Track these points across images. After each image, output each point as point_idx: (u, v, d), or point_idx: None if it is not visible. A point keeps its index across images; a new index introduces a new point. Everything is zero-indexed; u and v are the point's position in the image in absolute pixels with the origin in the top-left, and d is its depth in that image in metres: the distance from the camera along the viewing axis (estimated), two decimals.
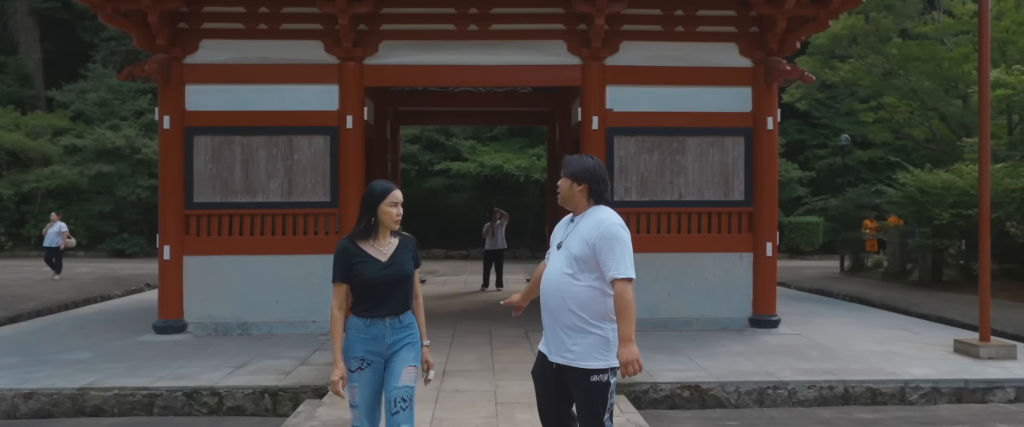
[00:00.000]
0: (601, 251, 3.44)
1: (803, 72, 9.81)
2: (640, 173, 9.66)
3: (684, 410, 6.55)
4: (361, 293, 3.74)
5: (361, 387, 3.72)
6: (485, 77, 10.07)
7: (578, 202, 3.62)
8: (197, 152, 9.38)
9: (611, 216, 3.55)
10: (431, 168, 26.56)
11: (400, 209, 3.83)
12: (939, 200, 14.21)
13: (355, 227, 3.81)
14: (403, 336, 3.79)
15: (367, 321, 3.73)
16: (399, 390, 3.72)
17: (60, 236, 16.61)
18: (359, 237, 3.77)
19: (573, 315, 3.48)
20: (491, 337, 9.06)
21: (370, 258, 3.74)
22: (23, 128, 25.84)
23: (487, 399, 6.21)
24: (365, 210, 3.78)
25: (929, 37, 18.27)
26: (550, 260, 3.68)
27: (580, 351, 3.48)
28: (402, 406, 3.70)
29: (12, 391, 6.52)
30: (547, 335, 3.64)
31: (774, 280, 9.79)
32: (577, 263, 3.50)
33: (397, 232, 3.88)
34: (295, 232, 9.45)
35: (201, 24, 9.40)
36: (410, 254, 3.87)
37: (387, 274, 3.73)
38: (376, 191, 3.79)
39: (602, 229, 3.48)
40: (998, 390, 6.91)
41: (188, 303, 9.35)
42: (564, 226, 3.72)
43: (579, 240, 3.52)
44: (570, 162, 3.66)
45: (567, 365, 3.51)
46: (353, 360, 3.73)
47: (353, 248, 3.74)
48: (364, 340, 3.73)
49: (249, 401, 6.60)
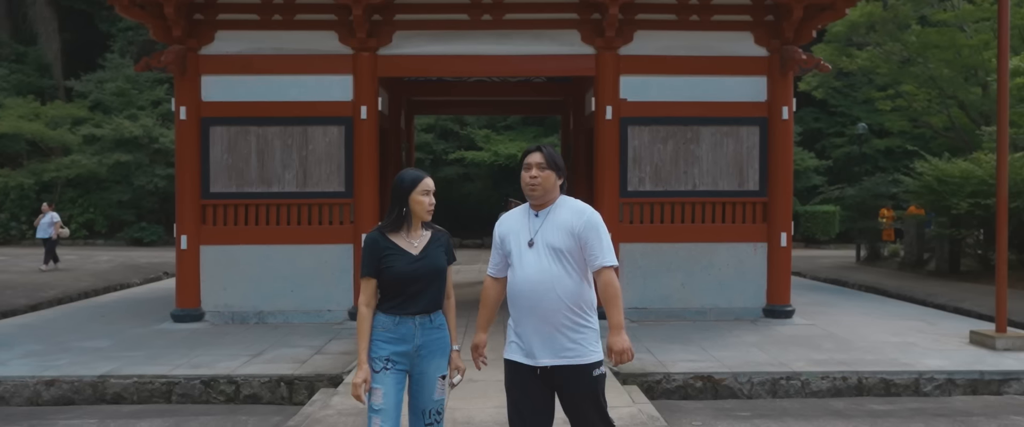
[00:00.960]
0: (588, 241, 3.34)
1: (819, 61, 9.72)
2: (654, 163, 9.64)
3: (696, 401, 6.57)
4: (391, 288, 3.50)
5: (385, 390, 3.46)
6: (499, 67, 10.07)
7: (554, 194, 3.47)
8: (213, 142, 9.46)
9: (584, 204, 3.47)
10: (445, 157, 26.63)
11: (432, 198, 3.58)
12: (957, 189, 14.06)
13: (385, 218, 3.59)
14: (433, 338, 3.56)
15: (396, 319, 3.49)
16: (434, 402, 3.55)
17: (52, 226, 16.54)
18: (389, 229, 3.54)
19: (568, 311, 3.35)
20: (504, 328, 9.09)
21: (401, 251, 3.50)
22: (43, 118, 26.13)
23: (500, 389, 6.18)
24: (396, 200, 3.54)
25: (948, 24, 17.99)
26: (521, 259, 3.41)
27: (579, 347, 3.36)
28: (436, 419, 3.55)
29: (35, 378, 6.64)
30: (527, 339, 3.42)
31: (788, 270, 9.76)
32: (563, 257, 3.35)
33: (429, 224, 3.64)
34: (310, 222, 9.52)
35: (216, 15, 9.45)
36: (443, 248, 3.62)
37: (419, 268, 3.49)
38: (406, 180, 3.54)
39: (586, 218, 3.38)
40: (1014, 382, 6.87)
41: (205, 292, 9.45)
42: (523, 221, 3.50)
43: (560, 232, 3.37)
44: (552, 154, 3.47)
45: (565, 364, 3.34)
46: (378, 360, 3.48)
47: (383, 240, 3.51)
48: (392, 339, 3.49)
49: (265, 389, 6.68)
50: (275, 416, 6.07)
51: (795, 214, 25.65)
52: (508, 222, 3.56)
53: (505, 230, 3.54)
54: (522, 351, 3.44)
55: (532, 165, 3.42)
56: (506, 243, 3.50)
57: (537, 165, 3.41)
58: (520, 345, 3.45)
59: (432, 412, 3.54)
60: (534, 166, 3.42)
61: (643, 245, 9.41)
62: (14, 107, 25.89)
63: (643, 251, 9.43)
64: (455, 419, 5.41)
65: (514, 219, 3.55)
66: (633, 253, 9.43)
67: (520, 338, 3.45)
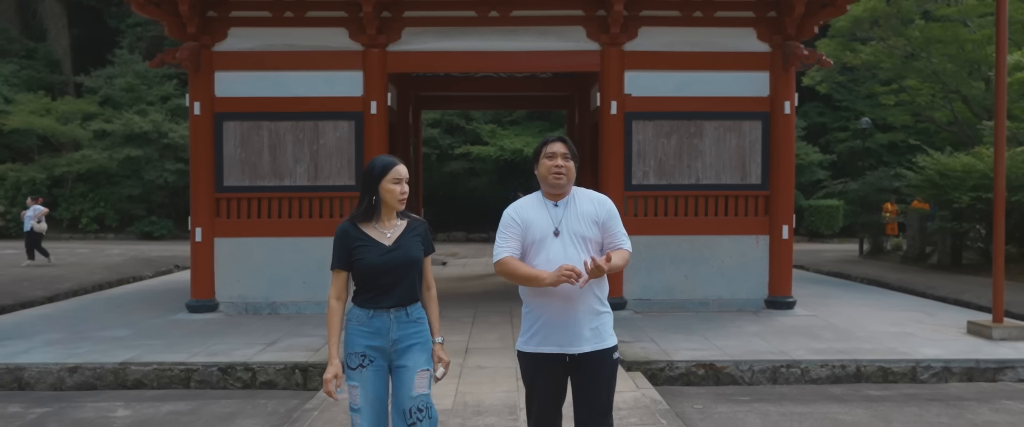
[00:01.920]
0: (610, 227, 3.45)
1: (820, 56, 9.89)
2: (658, 157, 9.82)
3: (699, 387, 6.77)
4: (363, 281, 3.38)
5: (363, 387, 3.32)
6: (505, 63, 10.26)
7: (571, 185, 3.51)
8: (226, 137, 9.67)
9: (600, 194, 3.56)
10: (451, 152, 26.85)
11: (405, 187, 3.41)
12: (959, 183, 14.22)
13: (356, 208, 3.44)
14: (411, 332, 3.40)
15: (369, 312, 3.35)
16: (414, 400, 3.35)
17: (32, 220, 16.03)
18: (360, 219, 3.40)
19: (594, 298, 3.40)
20: (511, 317, 9.32)
21: (372, 241, 3.37)
22: (53, 113, 26.44)
23: (508, 375, 6.47)
24: (366, 189, 3.40)
25: (952, 19, 18.11)
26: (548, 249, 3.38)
27: (602, 331, 3.42)
28: (419, 417, 3.35)
29: (58, 365, 6.87)
30: (556, 330, 3.38)
31: (790, 262, 9.93)
32: (589, 246, 3.41)
33: (405, 213, 3.50)
34: (321, 215, 9.73)
35: (229, 12, 9.66)
36: (419, 238, 3.47)
37: (391, 259, 3.35)
38: (376, 168, 3.40)
39: (606, 206, 3.48)
40: (1009, 370, 7.05)
41: (219, 283, 9.68)
42: (542, 211, 3.46)
43: (585, 222, 3.42)
44: (571, 145, 3.48)
45: (591, 350, 3.38)
46: (353, 356, 3.34)
47: (353, 230, 3.38)
48: (366, 333, 3.35)
49: (281, 376, 6.90)
50: (292, 400, 6.30)
51: (799, 208, 25.90)
52: (527, 211, 3.47)
53: (528, 218, 3.45)
54: (549, 341, 3.39)
55: (557, 155, 3.43)
56: (530, 232, 3.42)
57: (562, 155, 3.42)
58: (546, 336, 3.40)
59: (413, 410, 3.34)
60: (559, 156, 3.42)
61: (647, 237, 9.60)
62: (25, 103, 26.20)
63: (647, 243, 9.61)
64: (466, 403, 5.61)
65: (532, 208, 3.48)
66: (637, 245, 9.44)
67: (546, 328, 3.39)
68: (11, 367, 6.84)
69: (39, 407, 6.04)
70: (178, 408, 6.02)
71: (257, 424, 5.62)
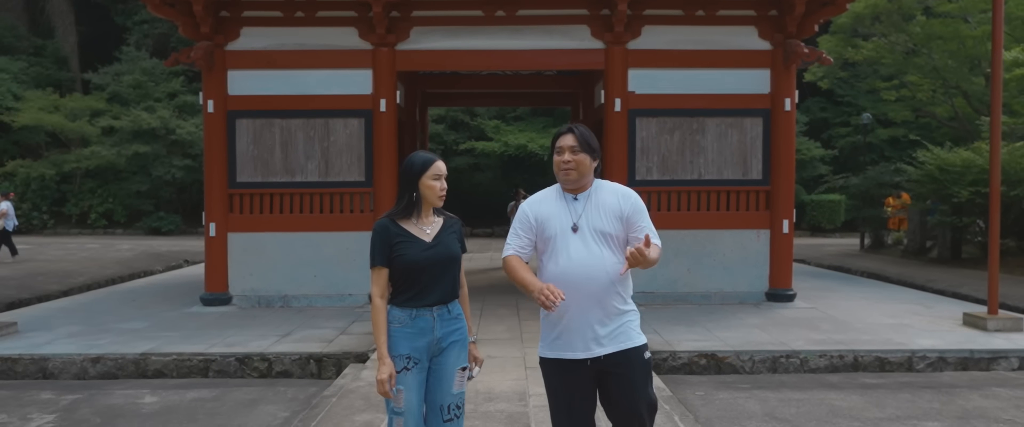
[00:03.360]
0: (636, 222, 3.22)
1: (821, 54, 10.09)
2: (661, 153, 10.03)
3: (701, 376, 6.99)
4: (404, 278, 3.29)
5: (408, 390, 3.23)
6: (511, 61, 10.48)
7: (590, 177, 3.30)
8: (239, 135, 9.90)
9: (624, 187, 3.36)
10: (456, 148, 27.07)
11: (444, 183, 3.36)
12: (958, 178, 14.39)
13: (395, 205, 3.37)
14: (453, 329, 3.35)
15: (412, 312, 3.27)
16: (454, 397, 3.33)
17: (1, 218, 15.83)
18: (400, 216, 3.33)
19: (618, 297, 3.21)
20: (518, 310, 9.55)
21: (413, 237, 3.30)
22: (62, 110, 26.69)
23: (517, 364, 6.70)
24: (405, 186, 3.33)
25: (952, 15, 18.25)
26: (567, 245, 3.19)
27: (629, 331, 3.23)
28: (456, 413, 3.33)
29: (81, 356, 7.13)
30: (575, 331, 3.20)
31: (790, 256, 10.14)
32: (611, 242, 3.20)
33: (441, 211, 3.44)
34: (332, 210, 9.97)
35: (242, 12, 9.88)
36: (456, 235, 3.43)
37: (433, 255, 3.29)
38: (417, 163, 3.33)
39: (632, 201, 3.26)
40: (1002, 360, 7.26)
41: (233, 277, 9.93)
42: (560, 205, 3.28)
43: (607, 217, 3.21)
44: (586, 135, 3.27)
45: (617, 350, 3.18)
46: (398, 358, 3.25)
47: (393, 227, 3.31)
48: (410, 334, 3.26)
49: (296, 366, 7.15)
50: (310, 387, 6.55)
51: (801, 203, 26.09)
52: (544, 206, 3.32)
53: (544, 214, 3.29)
54: (569, 346, 3.21)
55: (564, 149, 3.24)
56: (547, 228, 3.26)
57: (570, 148, 3.23)
58: (566, 341, 3.22)
59: (451, 407, 3.32)
60: (566, 150, 3.24)
61: None
62: (34, 99, 26.47)
63: None
64: (477, 390, 5.84)
65: (550, 202, 3.32)
66: None
67: (566, 333, 3.22)
68: (36, 357, 7.10)
69: (70, 394, 6.30)
70: (202, 395, 6.27)
71: (279, 409, 5.86)
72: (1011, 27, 17.40)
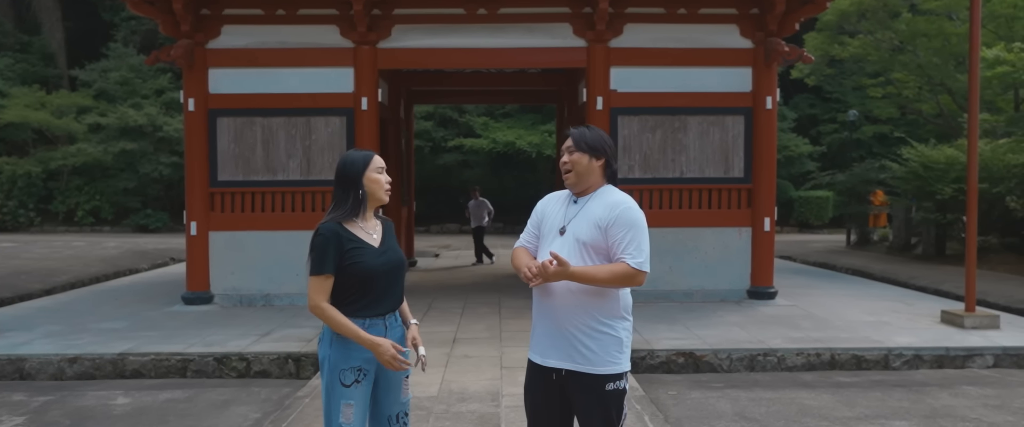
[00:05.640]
0: (613, 235, 3.00)
1: (802, 52, 10.11)
2: (643, 151, 10.05)
3: (677, 374, 7.02)
4: (357, 287, 3.07)
5: (357, 405, 3.08)
6: (494, 59, 10.48)
7: (594, 180, 3.11)
8: (220, 133, 9.87)
9: (627, 199, 3.10)
10: (444, 144, 27.04)
11: (388, 176, 3.21)
12: (942, 175, 14.48)
13: (336, 208, 3.11)
14: (401, 335, 3.21)
15: (365, 322, 3.07)
16: (401, 405, 3.22)
17: None
18: (346, 218, 3.09)
19: (584, 313, 3.00)
20: (500, 308, 9.56)
21: (364, 243, 3.09)
22: (48, 107, 26.52)
23: (493, 364, 6.72)
24: (348, 185, 3.10)
25: (937, 13, 18.34)
26: (550, 247, 3.05)
27: (593, 355, 3.00)
28: (404, 421, 3.25)
29: (58, 356, 7.10)
30: (543, 339, 3.10)
31: (771, 254, 10.19)
32: (586, 251, 3.02)
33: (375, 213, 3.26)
34: (314, 209, 9.95)
35: (222, 10, 9.84)
36: (394, 239, 3.30)
37: (385, 262, 3.12)
38: (358, 160, 3.13)
39: (618, 211, 3.02)
40: (977, 357, 7.32)
41: (214, 276, 9.90)
42: (561, 206, 3.18)
43: (588, 225, 3.04)
44: (585, 134, 3.12)
45: (576, 371, 3.01)
46: (348, 372, 3.06)
47: (344, 232, 3.06)
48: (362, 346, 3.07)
49: (275, 366, 7.14)
50: (285, 388, 6.54)
51: (789, 199, 26.16)
52: (549, 204, 3.25)
53: (546, 212, 3.23)
54: (538, 350, 3.12)
55: (564, 149, 3.15)
56: (543, 226, 3.20)
57: (567, 149, 3.11)
58: (536, 342, 3.14)
59: (400, 415, 3.22)
60: (565, 150, 3.13)
61: None
62: (20, 96, 26.28)
63: None
64: (451, 390, 5.85)
65: (555, 202, 3.24)
66: None
67: (537, 334, 3.15)
68: (13, 358, 7.06)
69: (41, 396, 6.28)
70: (175, 396, 6.26)
71: (251, 411, 5.86)
72: (995, 25, 17.48)
